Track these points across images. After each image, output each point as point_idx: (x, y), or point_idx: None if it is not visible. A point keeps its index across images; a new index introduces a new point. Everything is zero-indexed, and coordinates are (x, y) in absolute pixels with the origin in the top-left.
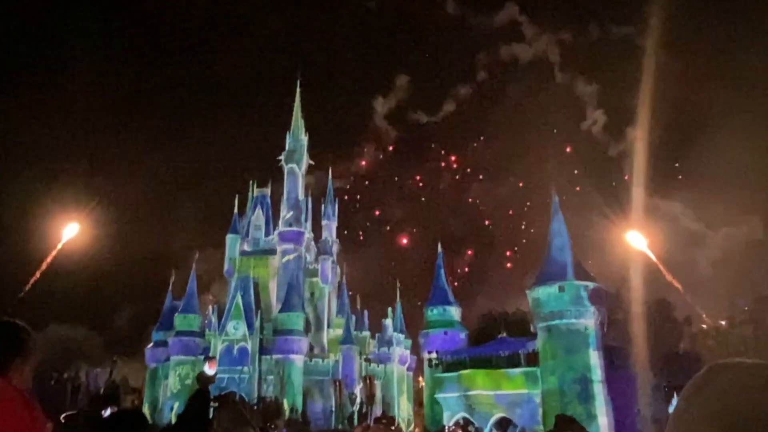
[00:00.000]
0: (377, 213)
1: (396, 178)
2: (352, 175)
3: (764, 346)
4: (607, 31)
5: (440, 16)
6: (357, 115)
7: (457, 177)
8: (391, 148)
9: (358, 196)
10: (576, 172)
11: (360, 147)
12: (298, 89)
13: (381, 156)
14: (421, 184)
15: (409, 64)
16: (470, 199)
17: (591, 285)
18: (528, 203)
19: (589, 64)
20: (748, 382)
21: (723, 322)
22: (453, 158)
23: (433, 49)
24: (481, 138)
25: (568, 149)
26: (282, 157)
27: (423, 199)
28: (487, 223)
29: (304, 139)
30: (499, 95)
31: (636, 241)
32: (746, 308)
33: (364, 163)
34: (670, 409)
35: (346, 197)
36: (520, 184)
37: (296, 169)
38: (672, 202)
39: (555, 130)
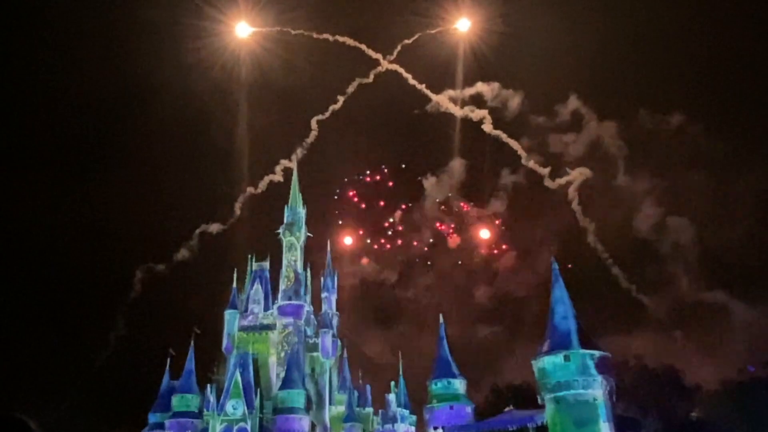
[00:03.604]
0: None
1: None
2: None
3: None
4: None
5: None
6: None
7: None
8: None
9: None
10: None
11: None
12: (295, 162)
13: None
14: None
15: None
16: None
17: (597, 353)
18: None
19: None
20: None
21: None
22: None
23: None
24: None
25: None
26: (280, 230)
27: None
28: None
29: (302, 211)
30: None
31: None
32: (756, 373)
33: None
34: None
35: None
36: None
37: (294, 241)
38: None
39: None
